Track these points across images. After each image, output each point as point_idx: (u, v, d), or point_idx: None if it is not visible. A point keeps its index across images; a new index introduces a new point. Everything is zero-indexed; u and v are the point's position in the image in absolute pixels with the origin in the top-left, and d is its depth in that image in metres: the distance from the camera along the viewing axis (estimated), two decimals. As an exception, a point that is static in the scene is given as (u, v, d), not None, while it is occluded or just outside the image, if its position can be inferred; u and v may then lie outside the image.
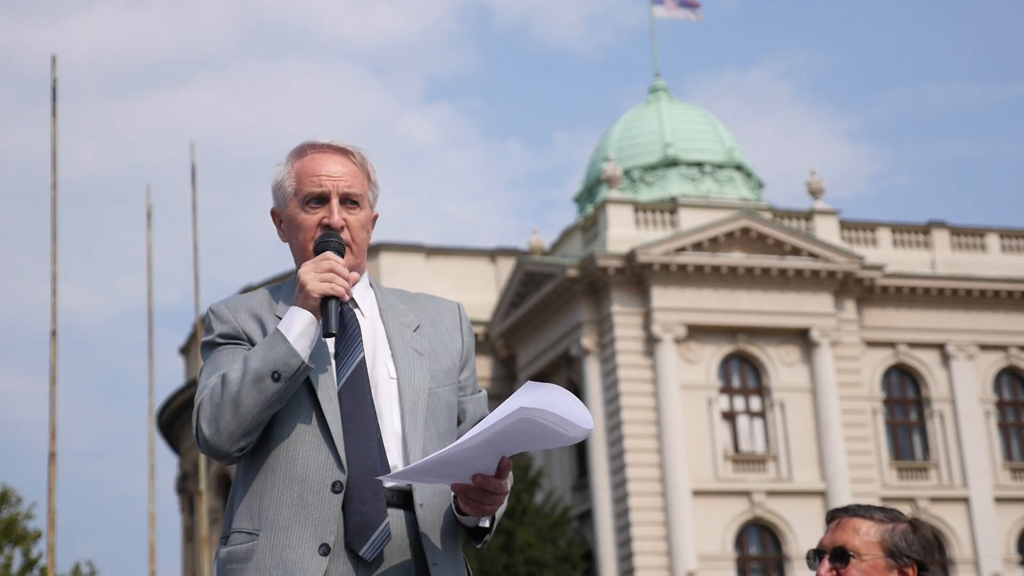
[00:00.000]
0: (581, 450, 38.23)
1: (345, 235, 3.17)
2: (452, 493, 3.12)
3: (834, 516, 3.56)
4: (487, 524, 3.18)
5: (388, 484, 3.05)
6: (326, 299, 3.05)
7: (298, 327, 3.03)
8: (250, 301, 3.22)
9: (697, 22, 43.31)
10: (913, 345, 39.32)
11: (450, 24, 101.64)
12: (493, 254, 44.24)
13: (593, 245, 38.28)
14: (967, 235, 41.28)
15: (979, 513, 37.97)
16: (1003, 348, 39.97)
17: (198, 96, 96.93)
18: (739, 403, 37.42)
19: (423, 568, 3.07)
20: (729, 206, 38.75)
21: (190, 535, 49.27)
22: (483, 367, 42.44)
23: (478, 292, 42.88)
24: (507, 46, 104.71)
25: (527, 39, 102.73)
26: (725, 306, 37.09)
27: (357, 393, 3.10)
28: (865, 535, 3.47)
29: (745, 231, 37.58)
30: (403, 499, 3.09)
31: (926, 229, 40.91)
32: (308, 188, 3.18)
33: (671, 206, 38.41)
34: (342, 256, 3.13)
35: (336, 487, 3.01)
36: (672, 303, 36.72)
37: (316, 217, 3.17)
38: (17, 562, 32.02)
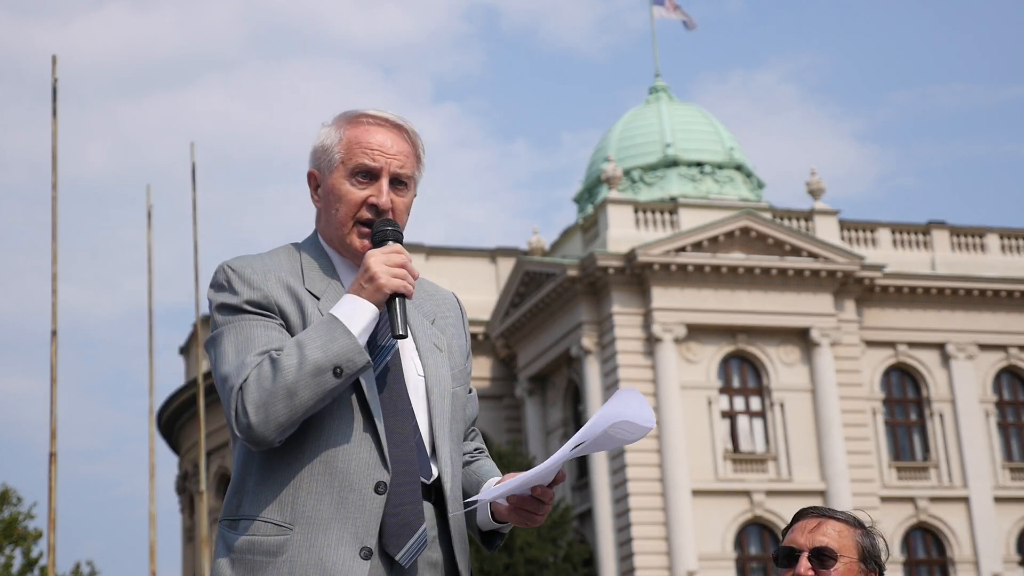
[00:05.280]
0: (581, 450, 38.21)
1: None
2: (486, 502, 3.04)
3: (804, 515, 3.53)
4: (506, 530, 3.13)
5: (469, 505, 3.01)
6: (391, 296, 2.93)
7: (363, 321, 2.88)
8: (276, 268, 3.01)
9: (695, 24, 43.24)
10: (913, 345, 39.31)
11: (458, 25, 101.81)
12: (493, 254, 44.22)
13: (593, 245, 38.27)
14: (967, 235, 41.24)
15: (979, 513, 37.96)
16: (1003, 348, 39.94)
17: (204, 97, 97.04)
18: (739, 403, 37.40)
19: (448, 561, 3.01)
20: (729, 206, 38.73)
21: (190, 535, 49.26)
22: (483, 367, 42.42)
23: (478, 292, 42.86)
24: (515, 47, 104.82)
25: (535, 40, 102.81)
26: (725, 306, 37.08)
27: (393, 388, 2.99)
28: (843, 537, 3.46)
29: (745, 231, 37.57)
30: (427, 491, 2.99)
31: (926, 229, 40.88)
32: (359, 160, 3.02)
33: (671, 206, 38.40)
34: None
35: (380, 488, 2.88)
36: (672, 303, 36.71)
37: (363, 193, 3.02)
38: (17, 562, 32.03)
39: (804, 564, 3.41)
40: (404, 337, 2.93)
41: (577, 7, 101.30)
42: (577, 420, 39.28)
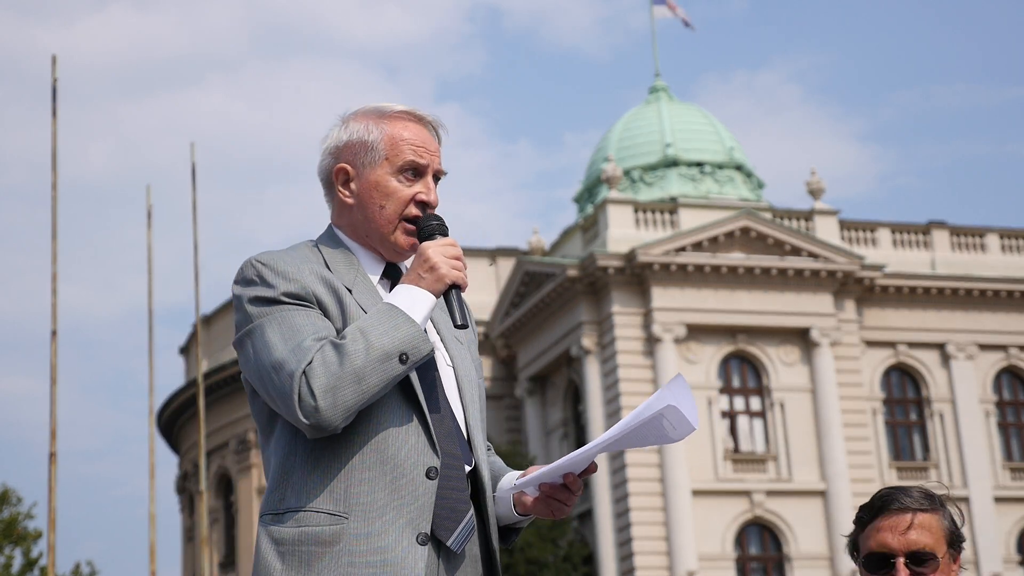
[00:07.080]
0: (581, 450, 38.19)
1: None
2: (510, 490, 3.04)
3: (889, 509, 3.32)
4: (523, 525, 3.12)
5: (514, 489, 2.99)
6: (449, 287, 2.96)
7: (424, 310, 2.91)
8: (308, 261, 2.99)
9: (693, 24, 43.29)
10: (913, 345, 39.31)
11: (460, 26, 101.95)
12: (493, 254, 44.20)
13: (593, 245, 38.27)
14: (967, 235, 41.24)
15: (979, 513, 37.95)
16: (1003, 348, 39.95)
17: (205, 97, 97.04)
18: (739, 403, 37.41)
19: (485, 553, 3.00)
20: (729, 206, 38.74)
21: (190, 535, 49.25)
22: (483, 367, 42.38)
23: (478, 292, 42.84)
24: (517, 48, 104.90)
25: (537, 40, 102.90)
26: (725, 306, 37.08)
27: (430, 378, 3.00)
28: (934, 531, 3.29)
29: (745, 231, 37.57)
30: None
31: (926, 229, 40.89)
32: (408, 157, 3.06)
33: (671, 206, 38.40)
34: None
35: (431, 473, 2.88)
36: (672, 303, 36.71)
37: (411, 191, 3.06)
38: (17, 562, 32.01)
39: (904, 572, 3.22)
40: (466, 327, 2.99)
41: (578, 7, 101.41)
42: (577, 420, 39.29)
